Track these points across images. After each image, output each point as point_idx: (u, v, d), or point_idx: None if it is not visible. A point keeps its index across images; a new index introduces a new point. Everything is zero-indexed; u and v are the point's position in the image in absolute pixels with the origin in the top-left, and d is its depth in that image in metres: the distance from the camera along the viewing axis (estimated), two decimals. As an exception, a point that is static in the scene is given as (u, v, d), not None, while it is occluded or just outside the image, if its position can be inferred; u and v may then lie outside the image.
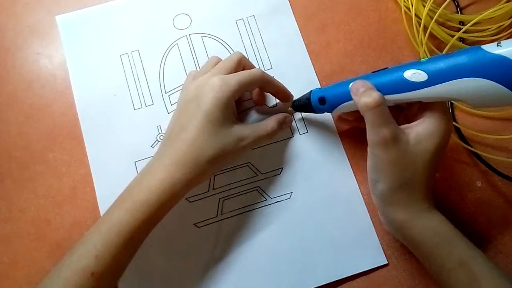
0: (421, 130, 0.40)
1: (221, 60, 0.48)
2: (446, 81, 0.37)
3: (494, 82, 0.34)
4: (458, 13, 0.55)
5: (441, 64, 0.37)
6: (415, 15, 0.52)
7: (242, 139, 0.43)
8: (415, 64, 0.39)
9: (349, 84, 0.42)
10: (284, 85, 0.48)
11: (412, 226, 0.40)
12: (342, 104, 0.43)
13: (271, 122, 0.46)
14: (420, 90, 0.38)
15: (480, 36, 0.53)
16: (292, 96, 0.49)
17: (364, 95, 0.40)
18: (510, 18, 0.54)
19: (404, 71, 0.39)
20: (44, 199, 0.48)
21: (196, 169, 0.41)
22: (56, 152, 0.49)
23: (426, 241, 0.40)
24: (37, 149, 0.49)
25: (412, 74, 0.38)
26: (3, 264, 0.46)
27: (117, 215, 0.39)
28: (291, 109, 0.49)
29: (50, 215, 0.47)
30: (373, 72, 0.42)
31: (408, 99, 0.39)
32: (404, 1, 0.53)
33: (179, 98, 0.47)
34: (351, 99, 0.41)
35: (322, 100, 0.45)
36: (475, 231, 0.47)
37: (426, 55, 0.51)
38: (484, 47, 0.35)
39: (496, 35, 0.54)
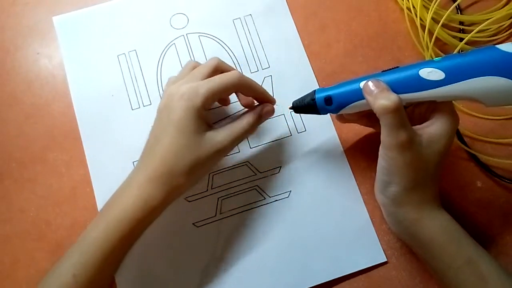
0: (433, 132, 0.40)
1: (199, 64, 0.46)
2: (463, 80, 0.37)
3: (511, 81, 0.35)
4: (458, 14, 0.55)
5: (458, 63, 0.37)
6: (419, 17, 0.52)
7: (217, 144, 0.41)
8: (430, 62, 0.39)
9: (357, 83, 0.41)
10: (283, 86, 0.48)
11: (423, 225, 0.41)
12: (351, 105, 0.42)
13: (246, 117, 0.44)
14: (436, 89, 0.38)
15: (480, 37, 0.53)
16: (275, 100, 0.47)
17: (381, 97, 0.39)
18: (509, 19, 0.54)
19: (420, 70, 0.39)
20: (44, 199, 0.48)
21: (172, 183, 0.40)
22: (56, 152, 0.49)
23: (436, 240, 0.40)
24: (37, 149, 0.49)
25: (429, 73, 0.38)
26: (3, 264, 0.46)
27: (93, 234, 0.39)
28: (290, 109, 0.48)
29: (50, 215, 0.48)
30: (383, 71, 0.41)
31: (423, 98, 0.39)
32: (406, 1, 0.53)
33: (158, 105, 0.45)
34: (360, 99, 0.41)
35: (328, 100, 0.43)
36: (476, 231, 0.46)
37: (432, 58, 0.51)
38: (499, 46, 0.36)
39: (495, 35, 0.54)
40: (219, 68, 0.44)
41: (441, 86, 0.38)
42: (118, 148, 0.48)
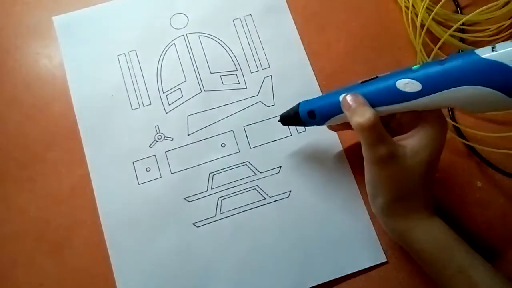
0: (417, 142, 0.39)
1: None
2: (440, 91, 0.35)
3: (490, 89, 0.33)
4: (458, 13, 0.55)
5: (435, 73, 0.36)
6: (415, 14, 0.52)
7: None
8: (407, 72, 0.37)
9: (338, 95, 0.40)
10: (283, 86, 0.48)
11: (413, 235, 0.40)
12: (334, 117, 0.42)
13: None
14: (414, 100, 0.37)
15: (480, 36, 0.53)
16: None
17: (356, 114, 0.38)
18: (509, 18, 0.54)
19: (396, 81, 0.37)
20: (43, 199, 0.48)
21: None
22: (56, 152, 0.49)
23: (426, 248, 0.40)
24: (37, 149, 0.49)
25: (405, 84, 0.37)
26: (2, 264, 0.46)
27: None
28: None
29: (50, 215, 0.47)
30: (363, 82, 0.40)
31: (402, 109, 0.38)
32: (405, 2, 0.53)
33: None
34: (342, 111, 0.40)
35: (311, 114, 0.43)
36: (475, 232, 0.47)
37: (422, 53, 0.51)
38: (478, 51, 0.34)
39: (495, 35, 0.53)
40: None
41: (418, 98, 0.36)
42: (118, 148, 0.48)
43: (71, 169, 0.49)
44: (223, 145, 0.49)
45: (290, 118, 0.45)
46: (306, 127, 0.50)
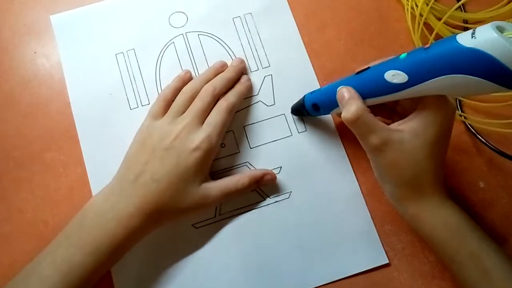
0: (416, 124, 0.38)
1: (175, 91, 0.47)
2: (426, 81, 0.36)
3: (473, 77, 0.33)
4: (461, 11, 0.54)
5: (420, 63, 0.36)
6: (412, 9, 0.52)
7: (208, 199, 0.43)
8: (395, 62, 0.38)
9: (337, 87, 0.41)
10: (283, 85, 0.50)
11: (422, 220, 0.40)
12: (336, 108, 0.43)
13: (243, 179, 0.45)
14: (402, 91, 0.37)
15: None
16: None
17: (344, 108, 0.40)
18: (512, 17, 0.53)
19: (385, 72, 0.38)
20: (41, 199, 0.48)
21: (157, 221, 0.42)
22: (54, 152, 0.49)
23: (436, 234, 0.40)
24: (35, 149, 0.49)
25: (393, 76, 0.37)
26: (1, 265, 0.46)
27: (78, 259, 0.40)
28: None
29: (48, 215, 0.47)
30: (357, 73, 0.41)
31: (394, 99, 0.39)
32: (406, 0, 0.53)
33: (142, 136, 0.45)
34: None
35: (315, 107, 0.45)
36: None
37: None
38: (459, 38, 0.34)
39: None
40: (216, 93, 0.46)
41: (406, 89, 0.37)
42: (116, 147, 0.48)
43: (69, 168, 0.49)
44: (223, 145, 0.49)
45: (299, 110, 0.49)
46: (306, 127, 0.50)
